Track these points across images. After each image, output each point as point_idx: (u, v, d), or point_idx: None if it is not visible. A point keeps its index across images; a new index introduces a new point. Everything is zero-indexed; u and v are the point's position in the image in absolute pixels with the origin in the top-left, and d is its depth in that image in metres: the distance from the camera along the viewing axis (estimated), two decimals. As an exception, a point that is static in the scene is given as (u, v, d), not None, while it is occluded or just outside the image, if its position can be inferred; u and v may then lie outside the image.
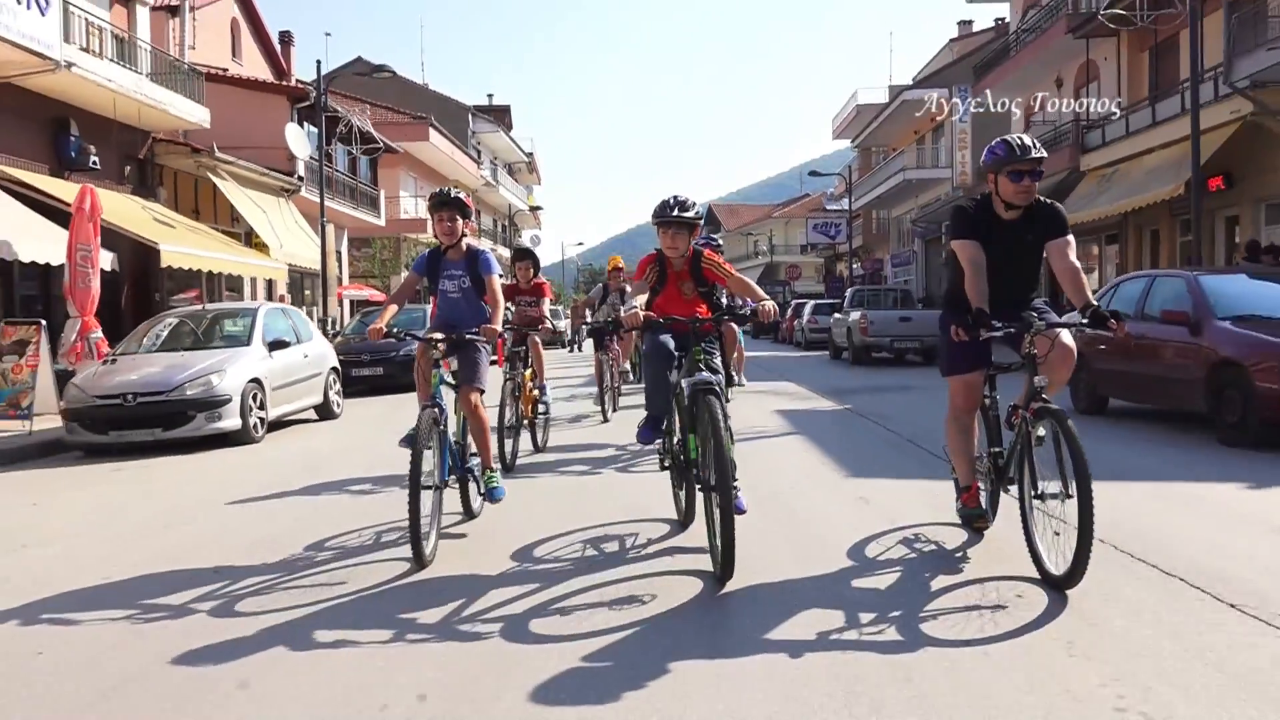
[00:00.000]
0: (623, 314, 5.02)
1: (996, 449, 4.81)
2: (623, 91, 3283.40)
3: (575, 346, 31.40)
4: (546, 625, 3.93)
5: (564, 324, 28.73)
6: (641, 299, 5.12)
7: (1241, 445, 7.77)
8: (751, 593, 4.26)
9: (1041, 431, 4.35)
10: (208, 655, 3.72)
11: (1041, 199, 4.73)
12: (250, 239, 20.79)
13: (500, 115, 57.85)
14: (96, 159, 16.43)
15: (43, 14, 13.72)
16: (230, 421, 9.83)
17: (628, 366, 13.63)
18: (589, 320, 12.01)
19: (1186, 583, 4.23)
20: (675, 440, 5.31)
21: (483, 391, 5.64)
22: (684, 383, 4.93)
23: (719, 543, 4.41)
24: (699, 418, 4.74)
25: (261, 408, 10.42)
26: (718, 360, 5.19)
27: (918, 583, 4.36)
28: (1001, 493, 4.91)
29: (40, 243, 12.58)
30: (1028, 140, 4.56)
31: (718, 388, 4.74)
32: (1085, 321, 4.37)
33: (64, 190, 14.40)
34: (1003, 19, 36.27)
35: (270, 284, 21.58)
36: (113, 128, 17.13)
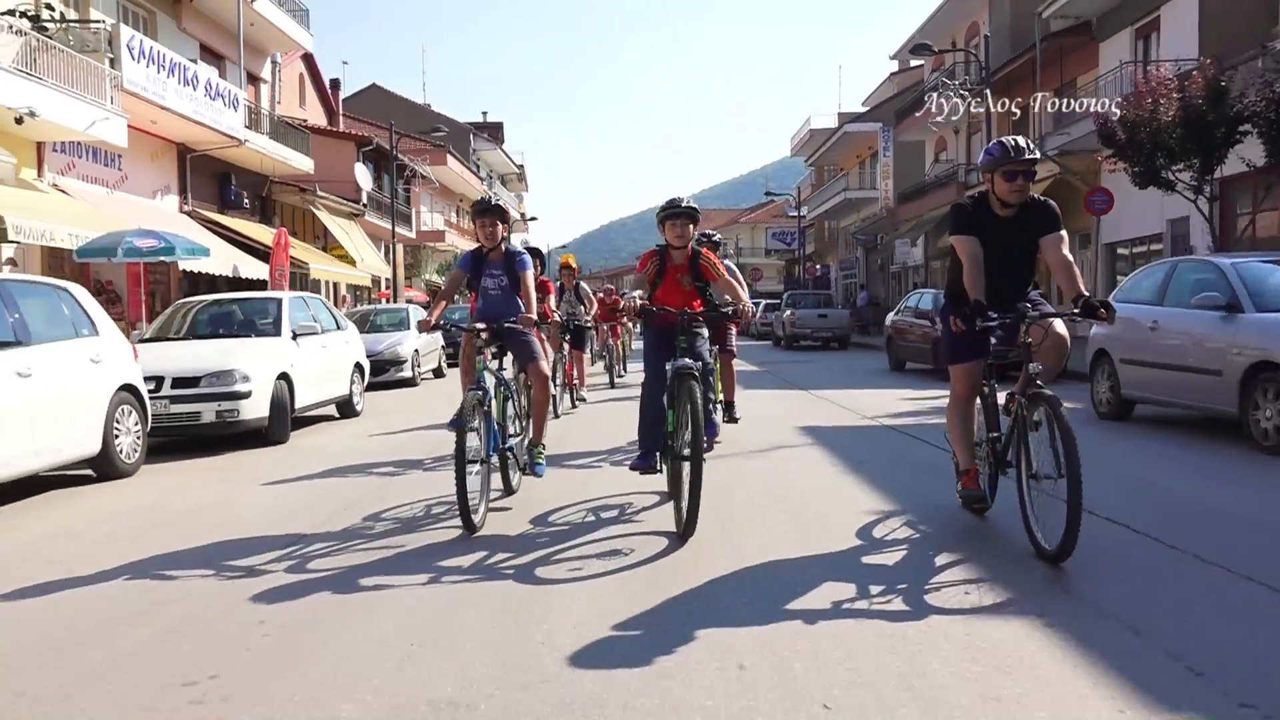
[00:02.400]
0: (623, 303, 5.80)
1: (995, 434, 4.99)
2: (594, 95, 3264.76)
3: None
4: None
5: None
6: (638, 292, 5.89)
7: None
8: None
9: (1037, 416, 4.50)
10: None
11: (1035, 197, 4.90)
12: (329, 252, 27.43)
13: (494, 131, 64.64)
14: (246, 200, 23.12)
15: (235, 111, 20.43)
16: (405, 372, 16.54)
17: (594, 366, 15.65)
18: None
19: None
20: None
21: (551, 361, 6.03)
22: (668, 366, 5.39)
23: (684, 505, 4.94)
24: (678, 397, 5.22)
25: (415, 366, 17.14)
26: (701, 347, 5.69)
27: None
28: (1000, 476, 5.05)
29: (249, 265, 19.24)
30: (1022, 142, 4.72)
31: (696, 372, 5.20)
32: (1077, 311, 4.50)
33: (248, 228, 21.09)
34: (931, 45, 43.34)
35: (351, 287, 28.27)
36: (250, 176, 23.77)
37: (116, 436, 7.33)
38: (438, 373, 19.13)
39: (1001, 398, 4.98)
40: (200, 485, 7.19)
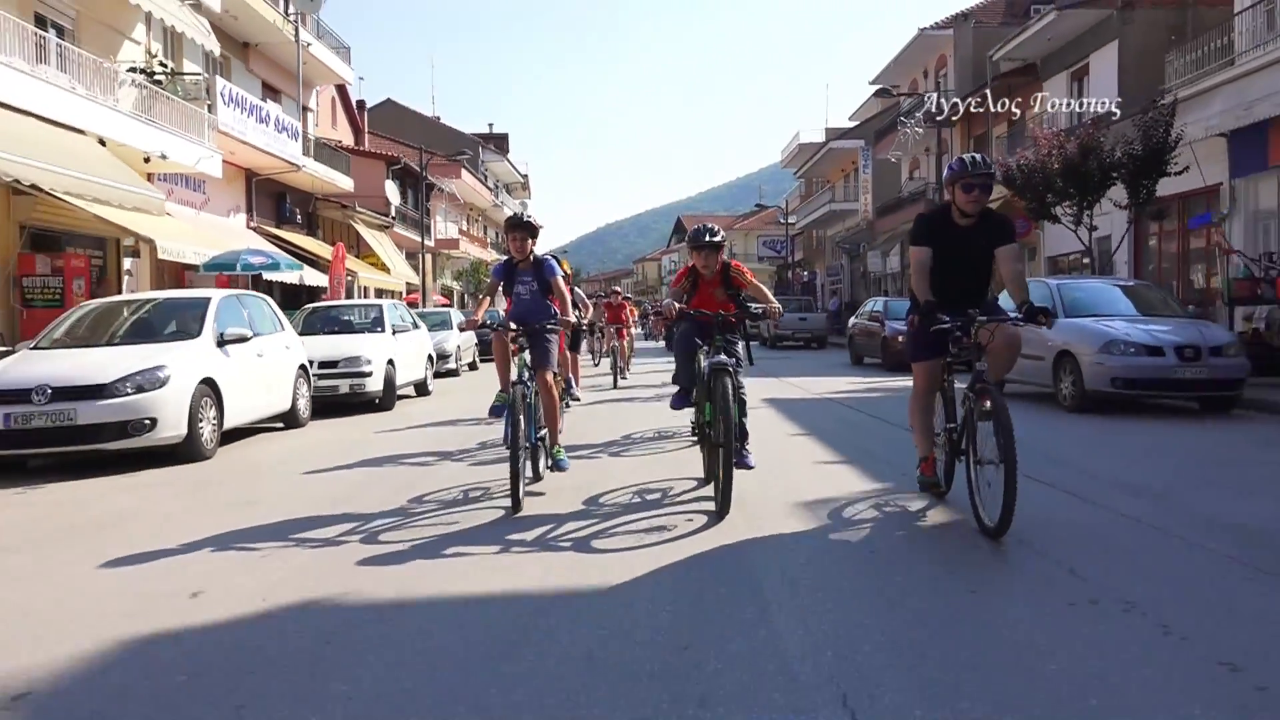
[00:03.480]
0: (661, 307, 6.41)
1: (952, 425, 5.51)
2: (591, 99, 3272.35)
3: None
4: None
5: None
6: (670, 301, 6.42)
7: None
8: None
9: (986, 407, 4.97)
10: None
11: (993, 210, 5.45)
12: (364, 259, 30.78)
13: (500, 142, 68.12)
14: (298, 216, 26.51)
15: (295, 141, 23.82)
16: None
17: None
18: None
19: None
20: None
21: (556, 373, 6.70)
22: (705, 363, 5.94)
23: (721, 487, 5.47)
24: (715, 391, 5.73)
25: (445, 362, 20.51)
26: (737, 347, 6.23)
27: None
28: (956, 462, 5.53)
29: (310, 274, 22.61)
30: (979, 158, 5.24)
31: (731, 369, 5.77)
32: (1021, 317, 5.05)
33: (301, 241, 24.46)
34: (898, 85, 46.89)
35: (383, 293, 31.65)
36: (300, 194, 27.14)
37: (297, 400, 10.65)
38: (472, 365, 22.57)
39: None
40: (343, 433, 10.50)
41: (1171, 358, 9.79)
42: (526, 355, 6.51)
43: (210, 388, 8.48)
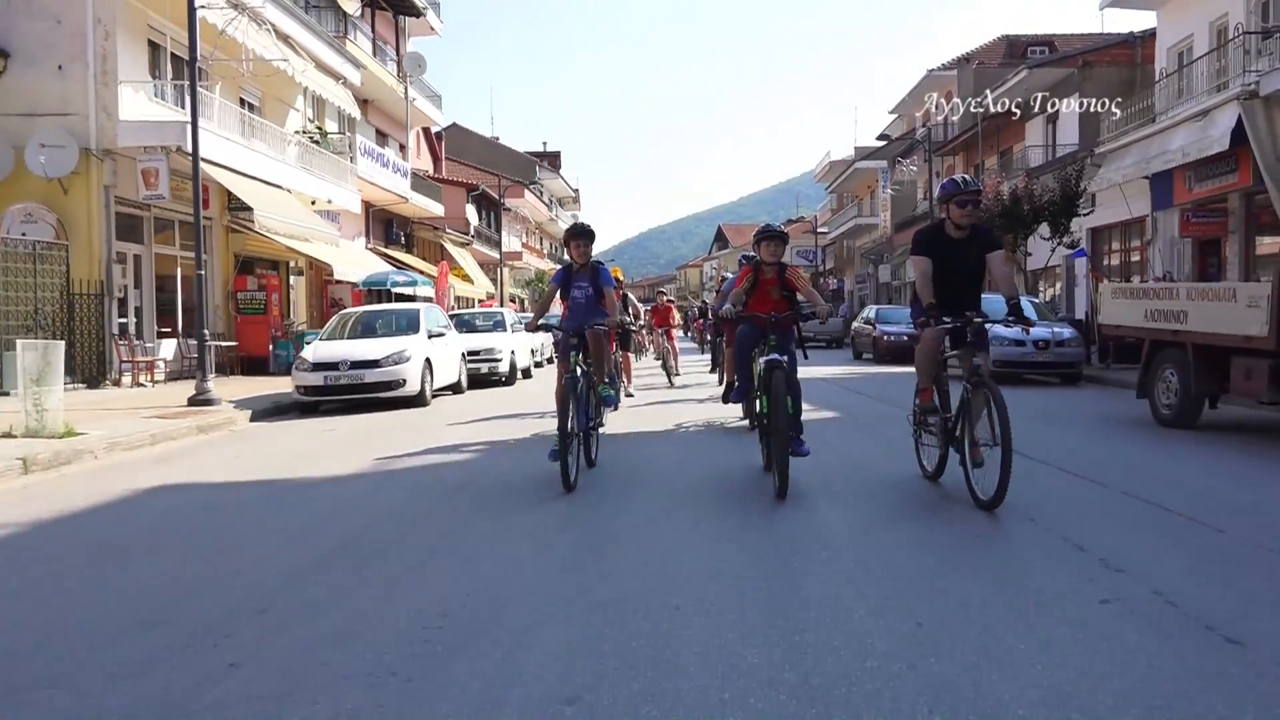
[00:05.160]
0: (723, 312, 7.18)
1: (947, 414, 6.11)
2: (632, 104, 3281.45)
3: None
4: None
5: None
6: (728, 306, 7.10)
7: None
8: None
9: (984, 396, 5.63)
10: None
11: (982, 224, 6.20)
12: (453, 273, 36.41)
13: (553, 160, 73.89)
14: (401, 237, 32.21)
15: (404, 177, 29.51)
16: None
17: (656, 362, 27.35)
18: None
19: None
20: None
21: (604, 332, 7.64)
22: (761, 360, 6.61)
23: (777, 470, 6.13)
24: (770, 385, 6.34)
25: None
26: (791, 345, 6.76)
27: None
28: (951, 451, 6.14)
29: (422, 289, 28.21)
30: (968, 178, 6.09)
31: (783, 365, 6.37)
32: (1011, 317, 5.82)
33: (405, 258, 30.11)
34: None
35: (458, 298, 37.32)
36: (402, 219, 32.84)
37: (461, 375, 16.11)
38: (550, 360, 28.07)
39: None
40: (479, 400, 15.76)
41: (1030, 348, 14.98)
42: (582, 354, 7.24)
43: (428, 364, 13.96)
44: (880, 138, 56.90)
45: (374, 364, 13.14)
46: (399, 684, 3.25)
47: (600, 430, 7.85)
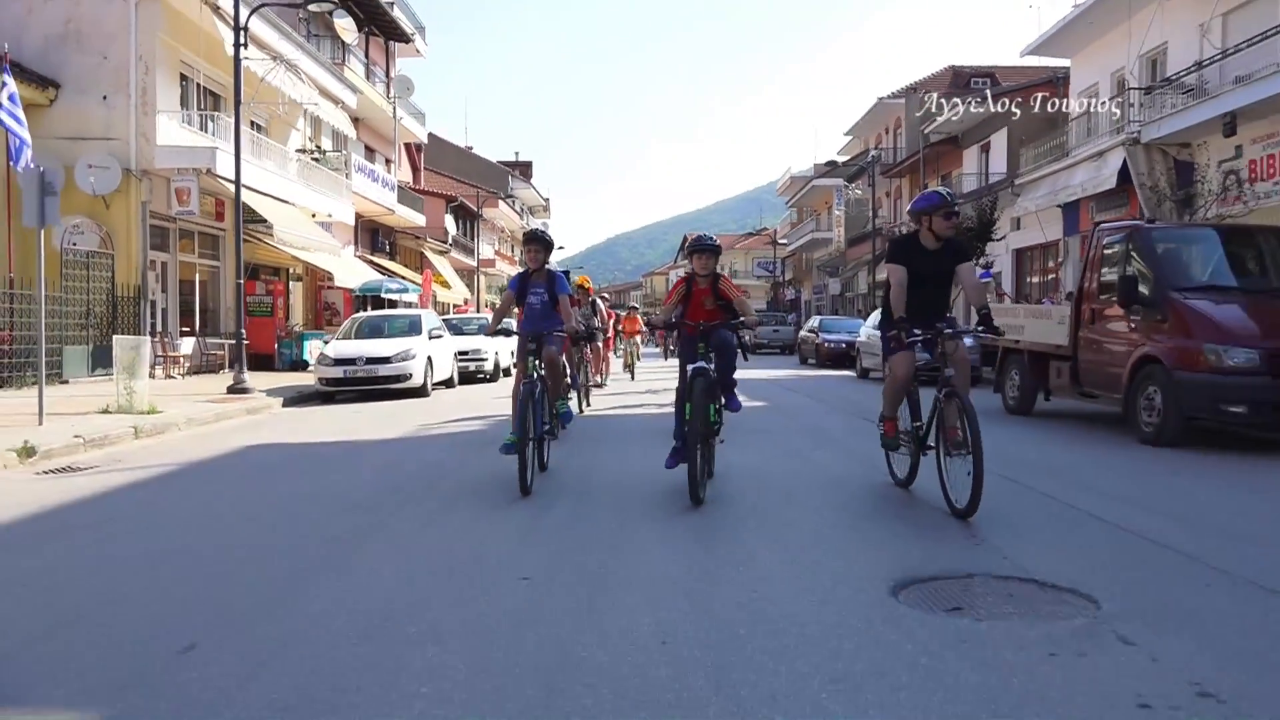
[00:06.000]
0: (655, 322, 7.72)
1: (918, 423, 6.28)
2: (599, 110, 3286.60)
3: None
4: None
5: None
6: (660, 315, 7.28)
7: None
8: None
9: (955, 407, 5.74)
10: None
11: (954, 237, 6.38)
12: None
13: (525, 169, 76.30)
14: (386, 245, 34.56)
15: (391, 191, 31.89)
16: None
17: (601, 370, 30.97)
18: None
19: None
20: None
21: (558, 350, 7.78)
22: (688, 367, 6.66)
23: (701, 477, 6.34)
24: (690, 392, 6.51)
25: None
26: (731, 355, 6.98)
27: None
28: (922, 456, 6.28)
29: (405, 295, 30.59)
30: (949, 191, 6.45)
31: (709, 373, 6.60)
32: (982, 328, 6.09)
33: (390, 265, 32.47)
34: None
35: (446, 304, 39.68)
36: (386, 228, 35.17)
37: (454, 373, 18.60)
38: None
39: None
40: (471, 393, 18.27)
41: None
42: (538, 361, 7.29)
43: (429, 361, 16.44)
44: (828, 164, 60.10)
45: (385, 360, 15.61)
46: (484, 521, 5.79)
47: (554, 439, 8.04)
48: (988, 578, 4.50)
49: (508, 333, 7.88)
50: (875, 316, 21.26)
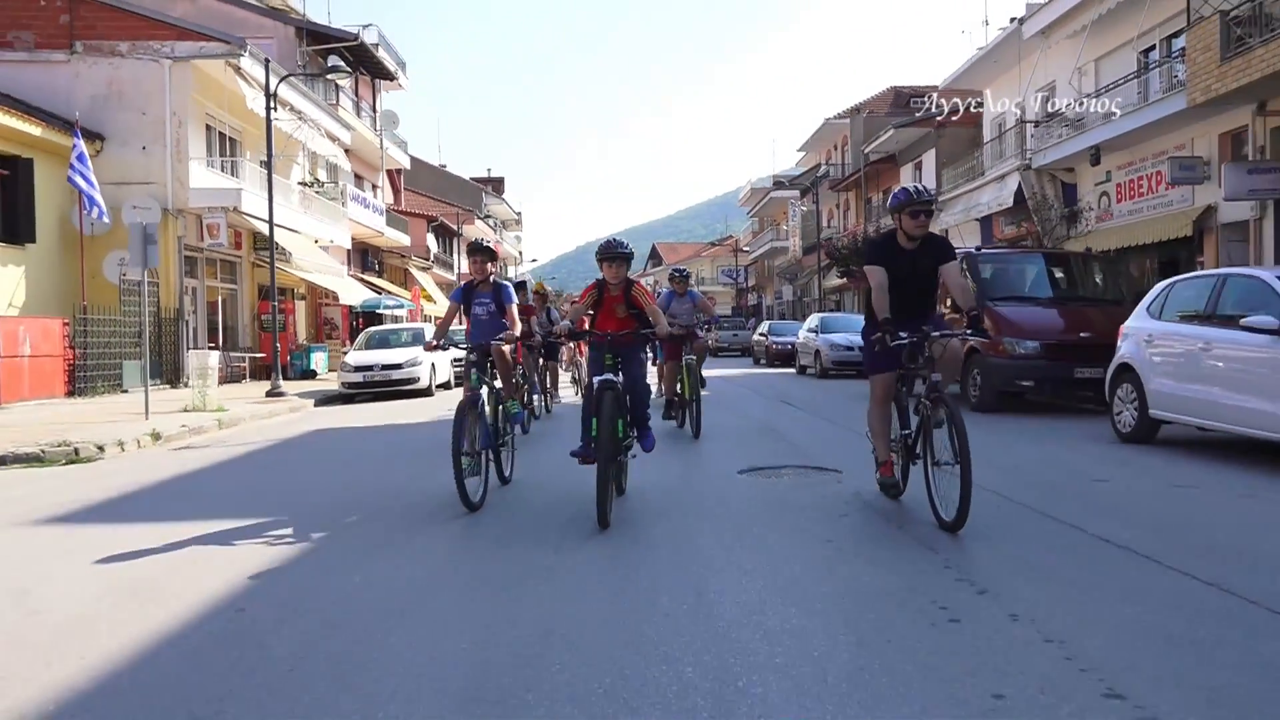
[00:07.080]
0: (560, 328, 6.78)
1: (906, 431, 5.99)
2: (568, 117, 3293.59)
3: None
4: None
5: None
6: (566, 322, 6.78)
7: None
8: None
9: (940, 415, 5.45)
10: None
11: (934, 234, 6.02)
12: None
13: (497, 185, 79.50)
14: (379, 266, 37.63)
15: (380, 215, 34.98)
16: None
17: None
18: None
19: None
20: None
21: (506, 345, 7.51)
22: (595, 380, 6.26)
23: (610, 494, 5.94)
24: (599, 405, 6.09)
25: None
26: (634, 366, 6.62)
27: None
28: (910, 465, 6.06)
29: (400, 310, 33.65)
30: (921, 187, 5.89)
31: (617, 386, 6.20)
32: (970, 329, 5.64)
33: (379, 282, 35.55)
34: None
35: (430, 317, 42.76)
36: (375, 249, 38.22)
37: (450, 377, 21.76)
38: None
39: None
40: (455, 395, 21.48)
41: (856, 351, 21.07)
42: (484, 375, 7.13)
43: (432, 367, 19.62)
44: (778, 178, 63.73)
45: (397, 367, 18.78)
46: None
47: (512, 448, 7.95)
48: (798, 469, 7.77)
49: (447, 346, 7.72)
50: (812, 319, 24.66)
